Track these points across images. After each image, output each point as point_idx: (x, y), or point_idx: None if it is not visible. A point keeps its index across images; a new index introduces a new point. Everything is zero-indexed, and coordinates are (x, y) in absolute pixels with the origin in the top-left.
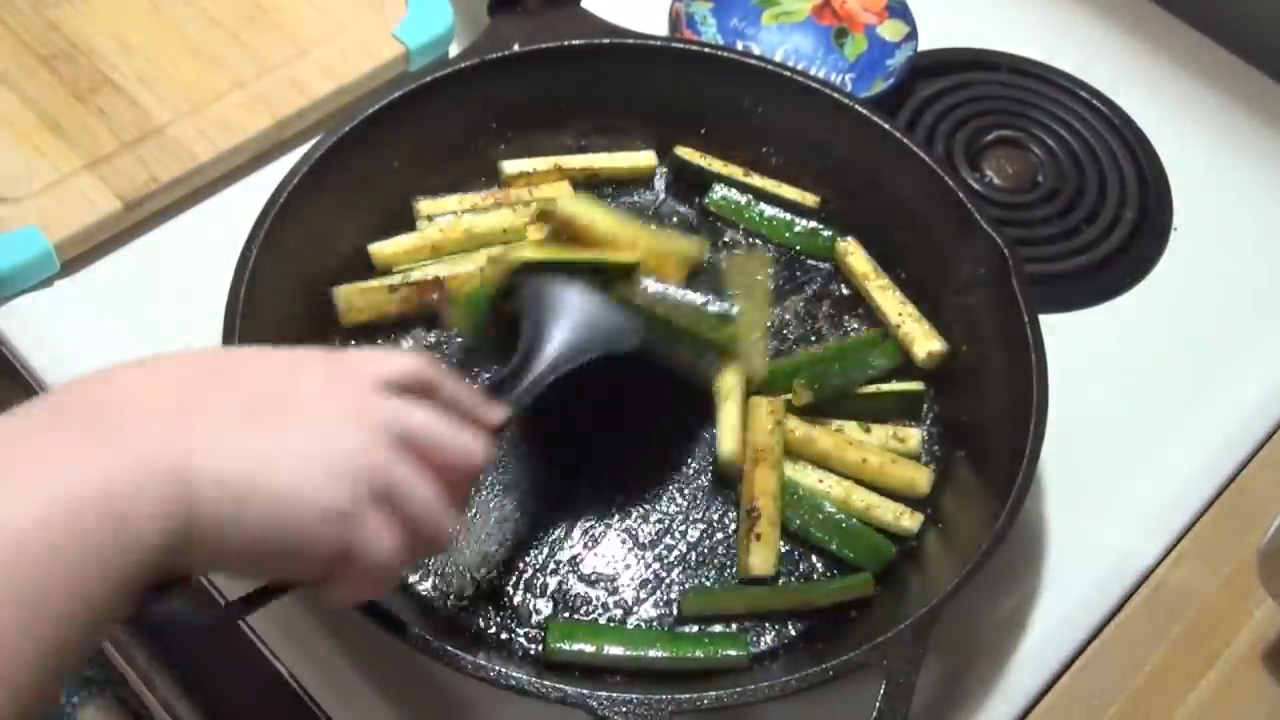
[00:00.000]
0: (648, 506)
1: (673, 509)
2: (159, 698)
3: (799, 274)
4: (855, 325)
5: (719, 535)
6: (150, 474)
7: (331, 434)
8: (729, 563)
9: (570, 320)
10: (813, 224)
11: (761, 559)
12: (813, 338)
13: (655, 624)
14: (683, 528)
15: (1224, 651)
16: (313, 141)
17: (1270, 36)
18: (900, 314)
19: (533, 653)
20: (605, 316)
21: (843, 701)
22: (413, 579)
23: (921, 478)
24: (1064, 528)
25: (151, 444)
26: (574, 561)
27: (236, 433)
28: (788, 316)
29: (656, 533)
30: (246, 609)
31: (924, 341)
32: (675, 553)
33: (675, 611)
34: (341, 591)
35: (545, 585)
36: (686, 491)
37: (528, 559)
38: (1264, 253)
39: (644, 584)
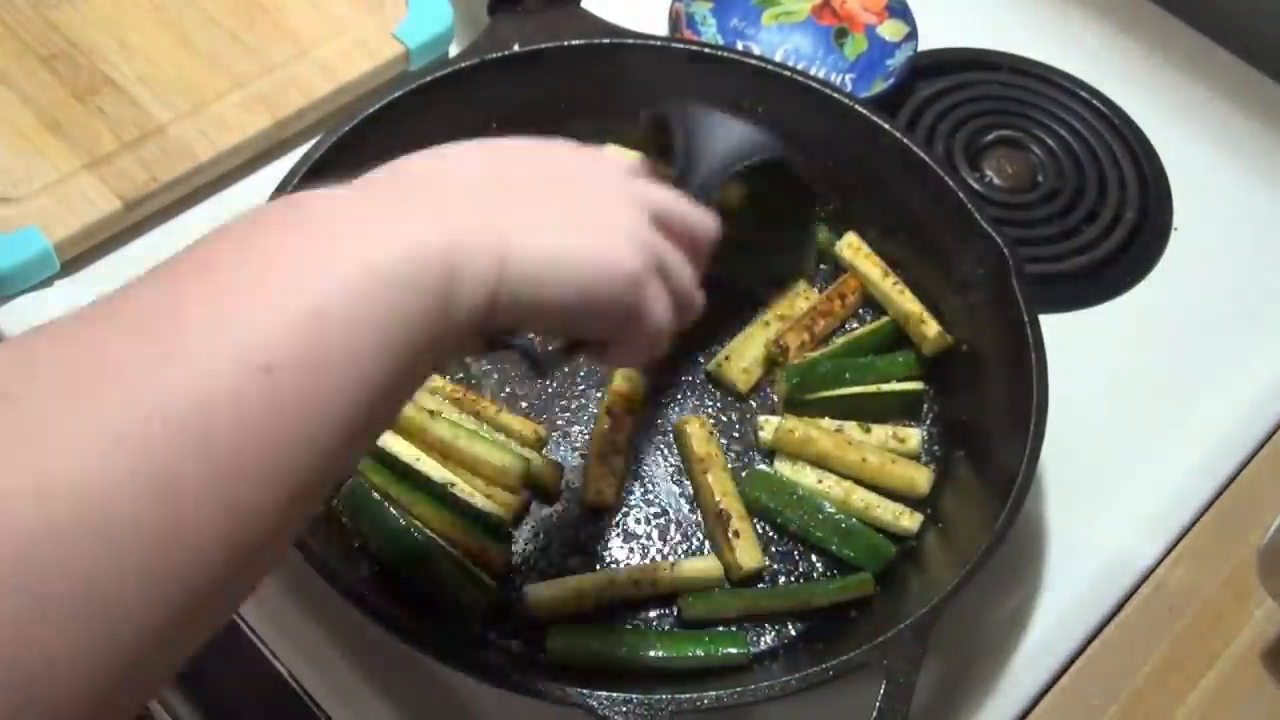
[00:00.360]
0: (648, 506)
1: (673, 509)
2: (159, 697)
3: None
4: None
5: None
6: (477, 238)
7: (612, 208)
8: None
9: (717, 130)
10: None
11: (748, 554)
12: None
13: (655, 625)
14: (683, 529)
15: (1224, 651)
16: (313, 141)
17: (1270, 36)
18: (903, 300)
19: (533, 653)
20: (741, 127)
21: (843, 701)
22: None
23: (921, 478)
24: (1064, 528)
25: (474, 214)
26: (574, 562)
27: (539, 205)
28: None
29: (657, 532)
30: (563, 360)
31: (930, 325)
32: (674, 555)
33: (676, 613)
34: (624, 353)
35: None
36: (687, 492)
37: (528, 559)
38: (1264, 253)
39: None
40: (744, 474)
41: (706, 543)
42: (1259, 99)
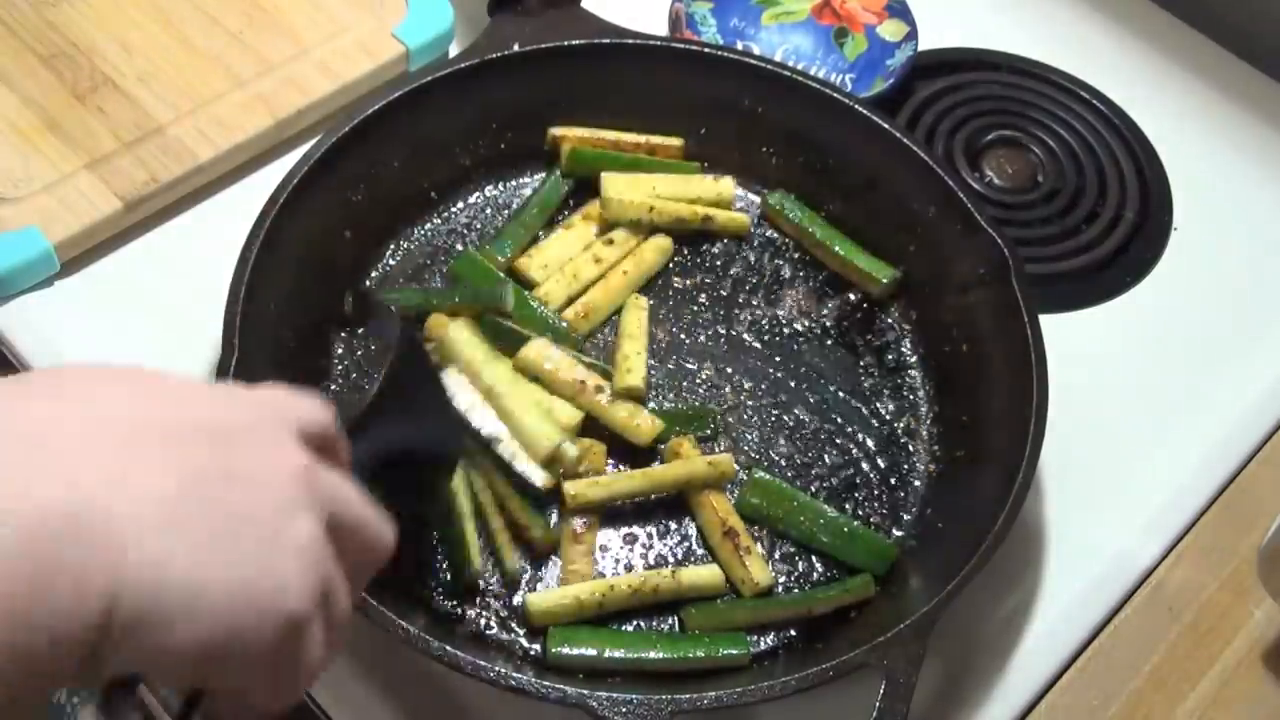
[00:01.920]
0: (648, 508)
1: (674, 512)
2: (159, 697)
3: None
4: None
5: None
6: (82, 528)
7: (283, 509)
8: None
9: (422, 417)
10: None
11: (760, 570)
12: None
13: (656, 628)
14: (684, 530)
15: (1224, 651)
16: (313, 141)
17: (1270, 36)
18: (843, 249)
19: (533, 653)
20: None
21: (843, 701)
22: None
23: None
24: (1064, 528)
25: (88, 482)
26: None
27: (185, 491)
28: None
29: (658, 533)
30: None
31: (879, 268)
32: (674, 557)
33: (678, 625)
34: (264, 698)
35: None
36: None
37: (529, 560)
38: (1264, 252)
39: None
40: (742, 479)
41: (705, 550)
42: (1259, 99)
